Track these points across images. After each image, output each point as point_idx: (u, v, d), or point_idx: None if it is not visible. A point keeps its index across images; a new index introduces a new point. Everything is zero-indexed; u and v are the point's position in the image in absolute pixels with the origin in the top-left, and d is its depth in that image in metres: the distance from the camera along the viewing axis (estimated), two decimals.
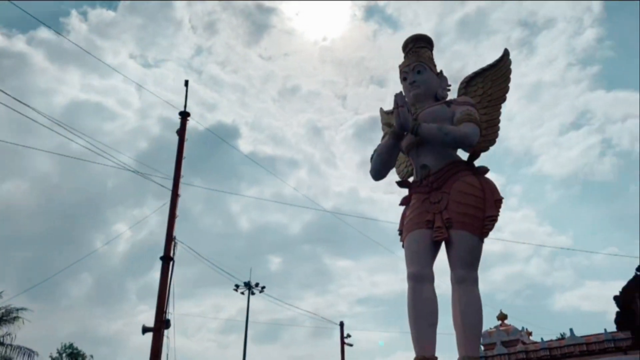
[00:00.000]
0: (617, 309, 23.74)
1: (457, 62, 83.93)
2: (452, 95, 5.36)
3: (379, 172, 5.17)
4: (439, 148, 4.83)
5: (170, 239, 11.26)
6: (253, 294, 24.43)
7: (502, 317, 26.60)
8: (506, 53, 5.30)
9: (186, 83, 12.92)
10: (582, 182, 75.52)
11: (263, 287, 24.69)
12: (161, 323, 10.45)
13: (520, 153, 77.98)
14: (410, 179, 5.31)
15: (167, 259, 11.21)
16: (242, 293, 24.68)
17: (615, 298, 24.06)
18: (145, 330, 10.57)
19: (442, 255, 4.72)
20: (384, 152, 5.02)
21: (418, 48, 5.33)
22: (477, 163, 5.02)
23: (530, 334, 27.14)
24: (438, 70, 5.35)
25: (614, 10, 77.29)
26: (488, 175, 4.97)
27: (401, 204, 5.19)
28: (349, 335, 24.20)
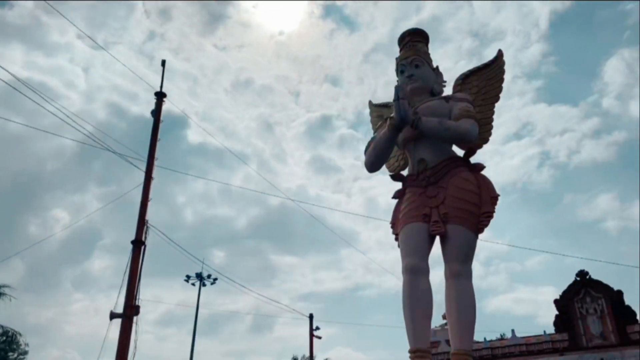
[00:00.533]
0: (556, 312, 24.94)
1: None
2: (446, 91, 5.44)
3: (374, 164, 5.13)
4: (437, 143, 4.86)
5: (142, 222, 10.87)
6: (204, 285, 23.99)
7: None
8: (500, 54, 5.37)
9: (163, 63, 12.57)
10: (520, 191, 78.86)
11: (215, 279, 24.30)
12: (132, 309, 10.05)
13: None
14: (402, 173, 5.35)
15: (138, 243, 10.82)
16: (193, 284, 24.20)
17: (555, 301, 25.26)
18: (113, 316, 10.12)
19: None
20: (381, 144, 4.95)
21: (415, 42, 5.35)
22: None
23: None
24: (434, 66, 5.40)
25: (559, 27, 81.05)
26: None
27: (394, 197, 5.18)
28: (317, 328, 24.11)
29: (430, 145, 4.86)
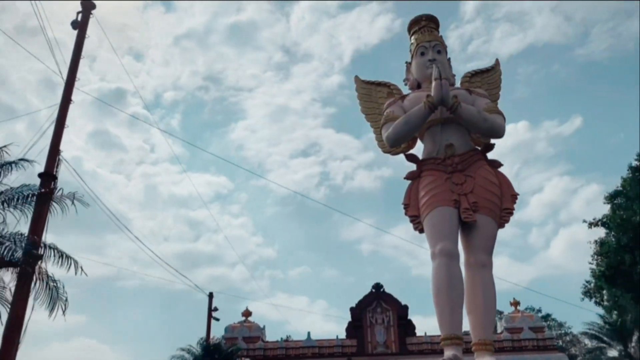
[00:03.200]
0: (350, 319, 26.84)
1: (218, 63, 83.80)
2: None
3: (400, 139, 5.00)
4: (464, 131, 4.95)
5: (55, 153, 8.62)
6: None
7: (247, 313, 27.23)
8: (497, 62, 5.69)
9: None
10: (297, 204, 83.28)
11: None
12: (35, 258, 7.82)
13: (254, 165, 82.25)
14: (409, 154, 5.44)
15: (48, 177, 8.52)
16: None
17: (351, 309, 27.20)
18: (3, 264, 7.69)
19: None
20: (415, 120, 4.81)
21: (431, 28, 5.41)
22: None
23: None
24: (448, 57, 5.48)
25: (358, 65, 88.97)
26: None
27: (408, 178, 5.08)
28: (216, 309, 21.50)
29: (458, 132, 4.91)
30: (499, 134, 4.80)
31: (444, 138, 4.79)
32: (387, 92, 5.51)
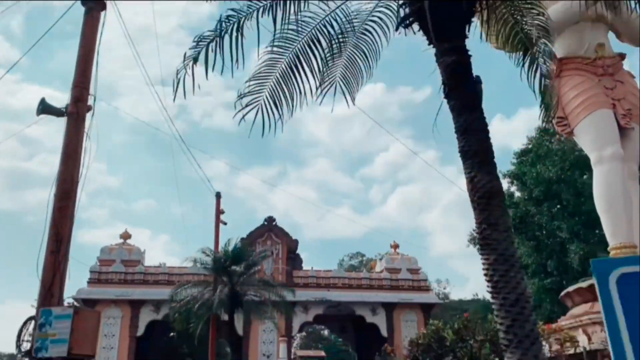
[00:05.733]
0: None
1: None
2: None
3: (563, 26, 4.68)
4: (607, 34, 4.89)
5: None
6: None
7: (127, 235, 24.83)
8: None
9: None
10: (150, 135, 77.92)
11: None
12: (84, 106, 5.75)
13: (104, 87, 74.22)
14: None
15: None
16: None
17: (242, 239, 26.10)
18: (45, 110, 5.48)
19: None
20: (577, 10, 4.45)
21: None
22: None
23: None
24: None
25: None
26: None
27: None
28: (223, 211, 17.80)
29: (605, 34, 4.84)
30: None
31: (594, 37, 4.61)
32: None
